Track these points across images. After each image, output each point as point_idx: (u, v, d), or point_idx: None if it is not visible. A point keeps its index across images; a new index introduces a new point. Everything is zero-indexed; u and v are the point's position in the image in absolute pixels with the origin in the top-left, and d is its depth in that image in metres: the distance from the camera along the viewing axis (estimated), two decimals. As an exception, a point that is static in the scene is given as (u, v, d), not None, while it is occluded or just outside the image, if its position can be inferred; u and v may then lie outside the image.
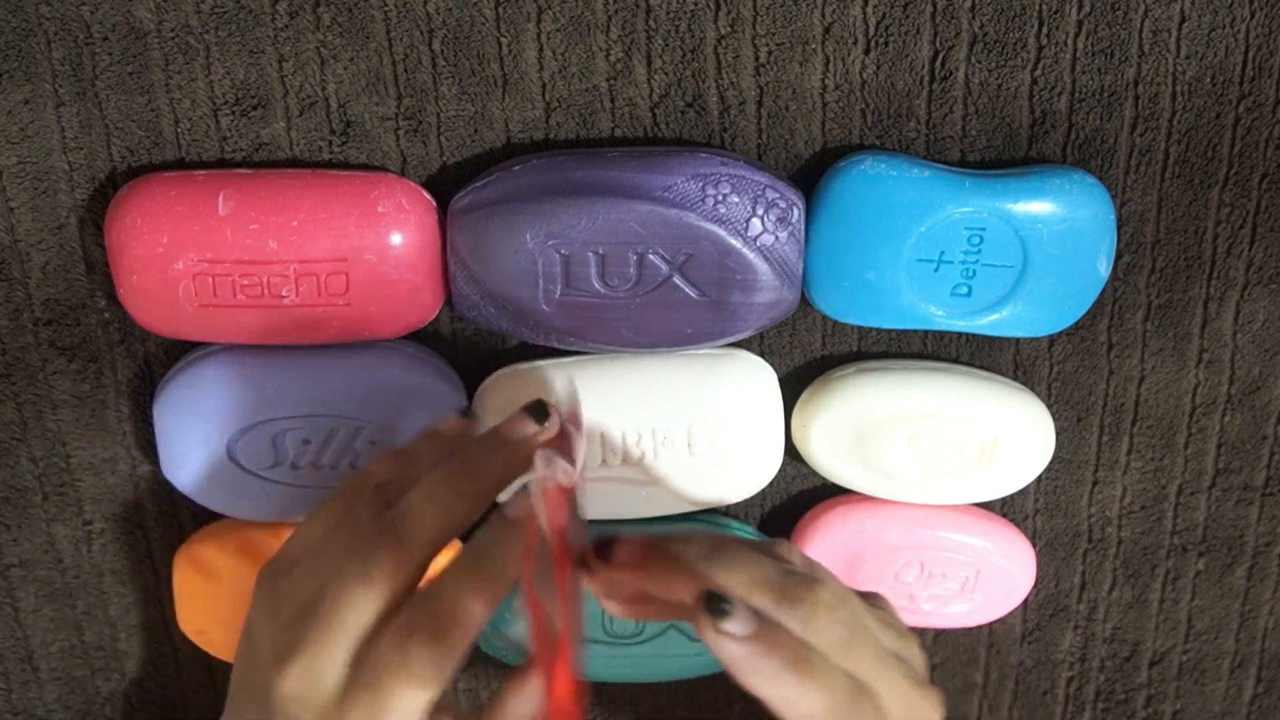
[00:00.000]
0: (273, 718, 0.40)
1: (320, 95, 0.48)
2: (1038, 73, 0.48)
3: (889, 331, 0.54)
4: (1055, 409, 0.55)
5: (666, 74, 0.48)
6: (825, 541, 0.55)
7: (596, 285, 0.48)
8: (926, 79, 0.48)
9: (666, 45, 0.48)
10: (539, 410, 0.42)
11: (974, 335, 0.54)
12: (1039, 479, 0.57)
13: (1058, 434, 0.55)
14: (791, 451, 0.54)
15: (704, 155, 0.47)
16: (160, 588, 0.58)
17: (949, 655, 0.61)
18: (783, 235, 0.48)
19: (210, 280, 0.47)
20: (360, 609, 0.39)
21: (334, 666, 0.39)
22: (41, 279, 0.51)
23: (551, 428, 0.42)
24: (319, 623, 0.39)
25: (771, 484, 0.56)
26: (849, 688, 0.38)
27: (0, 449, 0.55)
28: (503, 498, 0.41)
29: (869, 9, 0.47)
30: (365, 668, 0.39)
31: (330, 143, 0.49)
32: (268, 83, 0.48)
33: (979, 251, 0.49)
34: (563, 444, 0.42)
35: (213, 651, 0.57)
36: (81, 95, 0.48)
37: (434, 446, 0.43)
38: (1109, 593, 0.60)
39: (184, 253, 0.47)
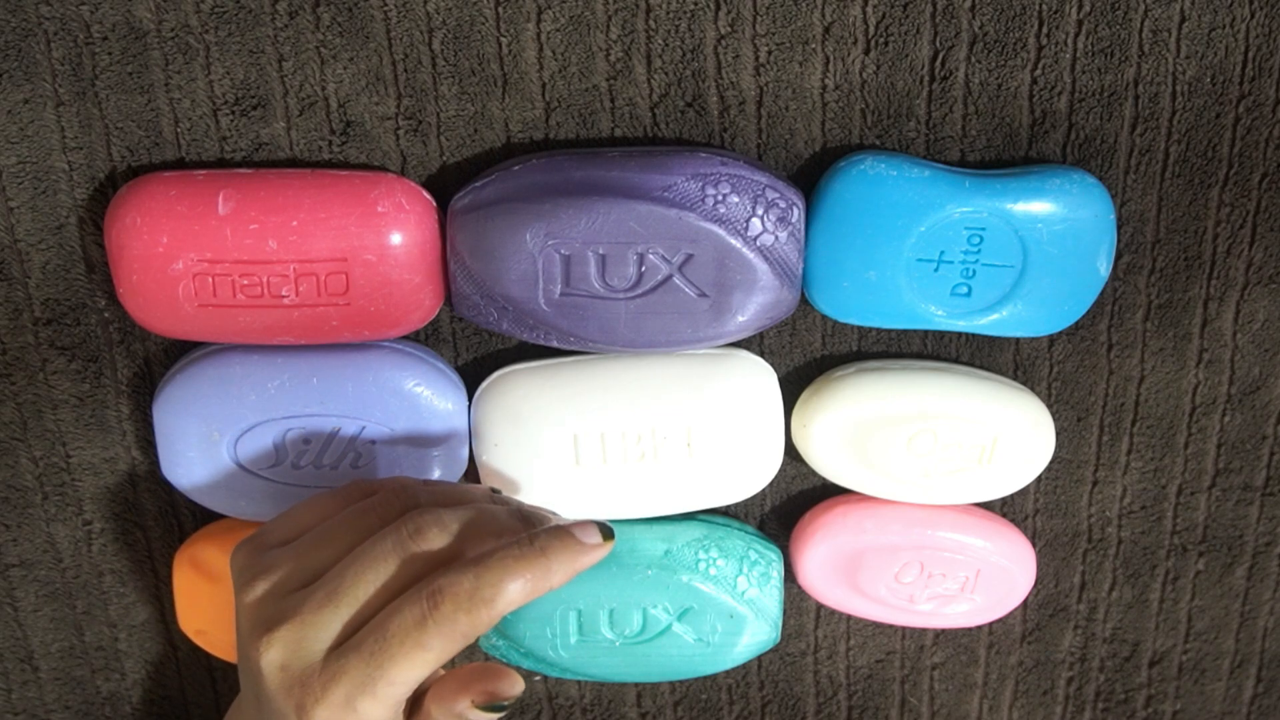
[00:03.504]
0: (260, 688, 0.40)
1: (320, 95, 0.48)
2: (1038, 73, 0.48)
3: (889, 331, 0.54)
4: (1055, 409, 0.55)
5: (666, 74, 0.48)
6: (825, 541, 0.55)
7: (596, 285, 0.48)
8: (926, 79, 0.48)
9: (666, 45, 0.48)
10: (607, 529, 0.43)
11: (974, 335, 0.54)
12: (1039, 479, 0.57)
13: (1058, 434, 0.55)
14: (791, 451, 0.54)
15: (704, 155, 0.47)
16: (160, 588, 0.58)
17: (949, 655, 0.61)
18: (783, 235, 0.48)
19: (210, 280, 0.47)
20: (369, 582, 0.40)
21: (326, 632, 0.39)
22: (41, 279, 0.51)
23: (608, 547, 0.43)
24: (319, 591, 0.40)
25: (771, 484, 0.56)
26: None
27: (0, 449, 0.55)
28: None
29: (869, 9, 0.47)
30: (368, 633, 0.39)
31: (330, 143, 0.49)
32: (268, 83, 0.48)
33: (979, 251, 0.49)
34: None
35: (213, 651, 0.57)
36: (81, 95, 0.48)
37: (492, 507, 0.44)
38: (1109, 593, 0.60)
39: (184, 252, 0.47)
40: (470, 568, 0.39)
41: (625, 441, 0.51)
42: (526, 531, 0.42)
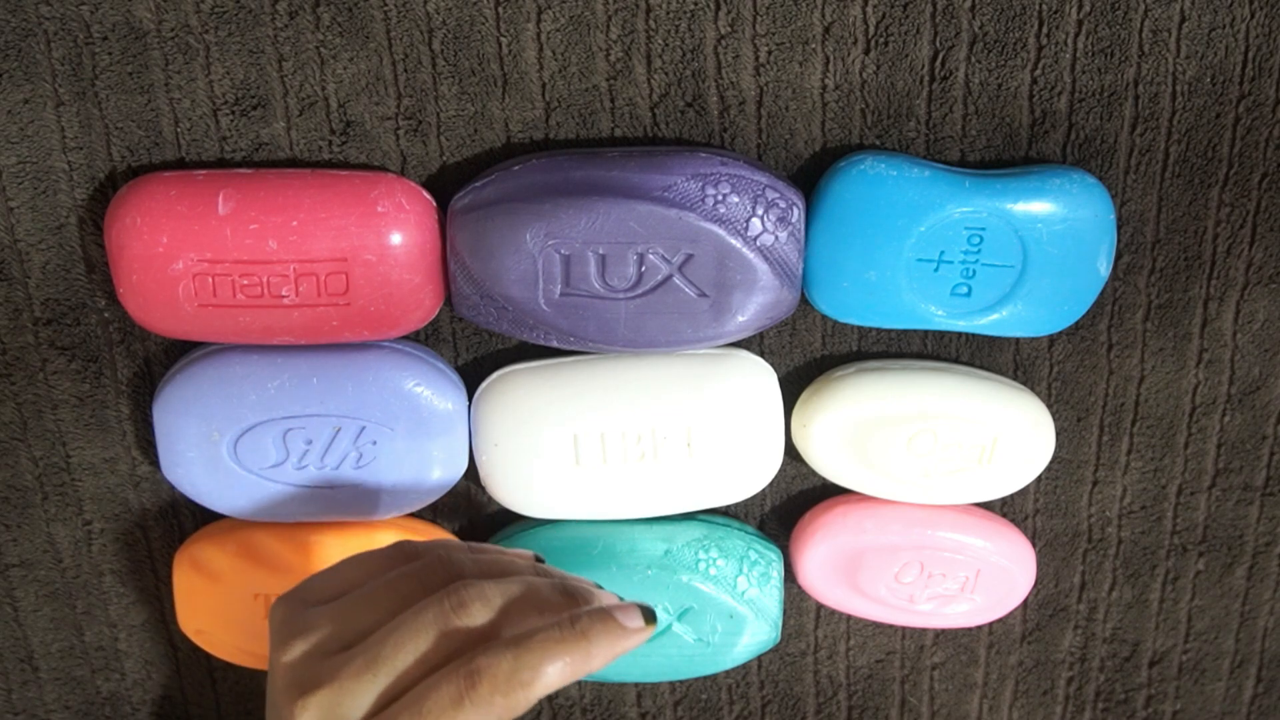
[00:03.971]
0: None
1: (320, 95, 0.48)
2: (1038, 73, 0.48)
3: (889, 331, 0.54)
4: (1055, 409, 0.55)
5: (666, 74, 0.48)
6: (825, 541, 0.55)
7: (596, 285, 0.48)
8: (926, 79, 0.48)
9: (666, 45, 0.48)
10: (649, 612, 0.42)
11: (974, 335, 0.54)
12: (1039, 479, 0.57)
13: (1058, 434, 0.55)
14: (791, 451, 0.54)
15: (704, 155, 0.47)
16: (160, 588, 0.58)
17: (949, 655, 0.61)
18: (783, 235, 0.48)
19: (210, 280, 0.47)
20: (408, 653, 0.39)
21: (362, 701, 0.39)
22: (41, 279, 0.51)
23: (650, 631, 0.42)
24: (358, 658, 0.39)
25: (771, 484, 0.56)
26: None
27: (0, 449, 0.55)
28: None
29: (869, 9, 0.47)
30: (403, 707, 0.39)
31: (330, 143, 0.49)
32: (268, 83, 0.48)
33: (979, 251, 0.49)
34: None
35: (213, 651, 0.57)
36: (81, 95, 0.48)
37: (536, 580, 0.43)
38: (1109, 593, 0.60)
39: (184, 253, 0.47)
40: (510, 649, 0.39)
41: (625, 441, 0.51)
42: (569, 609, 0.41)
